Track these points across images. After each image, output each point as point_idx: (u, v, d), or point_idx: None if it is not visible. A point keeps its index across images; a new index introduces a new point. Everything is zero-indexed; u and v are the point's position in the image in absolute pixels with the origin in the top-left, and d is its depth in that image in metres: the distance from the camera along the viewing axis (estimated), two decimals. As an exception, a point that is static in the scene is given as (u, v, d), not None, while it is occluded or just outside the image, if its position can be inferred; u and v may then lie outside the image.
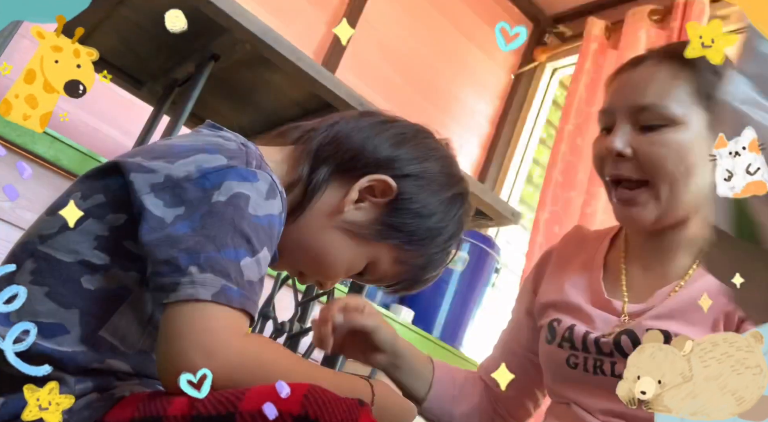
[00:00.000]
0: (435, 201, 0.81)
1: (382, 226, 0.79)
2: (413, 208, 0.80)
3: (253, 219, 0.66)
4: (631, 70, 1.01)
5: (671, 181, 0.94)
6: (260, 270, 0.66)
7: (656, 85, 0.96)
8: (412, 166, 0.81)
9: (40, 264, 0.66)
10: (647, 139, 0.95)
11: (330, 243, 0.79)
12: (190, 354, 0.59)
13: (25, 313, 0.62)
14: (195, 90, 1.37)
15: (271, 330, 1.51)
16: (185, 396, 0.57)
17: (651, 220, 0.97)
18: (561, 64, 3.28)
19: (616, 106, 0.99)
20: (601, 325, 0.99)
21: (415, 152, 0.82)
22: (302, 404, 0.54)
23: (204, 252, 0.62)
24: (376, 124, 0.83)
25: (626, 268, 1.05)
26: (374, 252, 0.80)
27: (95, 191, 0.69)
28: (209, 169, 0.67)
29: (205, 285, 0.61)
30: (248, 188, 0.67)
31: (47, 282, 0.65)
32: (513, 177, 3.13)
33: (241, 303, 0.62)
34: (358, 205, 0.79)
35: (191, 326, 0.60)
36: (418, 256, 0.82)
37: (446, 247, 0.84)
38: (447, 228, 0.82)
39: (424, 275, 0.85)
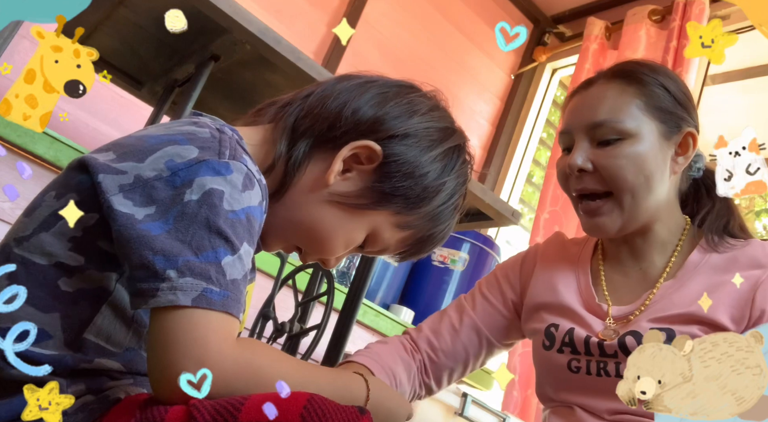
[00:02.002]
0: (427, 158, 0.76)
1: (374, 193, 0.75)
2: (404, 169, 0.75)
3: (229, 215, 0.63)
4: (584, 91, 1.07)
5: (632, 190, 0.99)
6: (243, 266, 0.63)
7: (608, 102, 1.02)
8: (396, 126, 0.75)
9: (17, 269, 0.64)
10: (605, 153, 1.00)
11: (321, 219, 0.75)
12: (183, 365, 0.57)
13: (4, 319, 0.60)
14: (195, 90, 1.37)
15: (271, 330, 1.51)
16: (183, 405, 0.57)
17: (616, 228, 1.02)
18: (561, 64, 3.28)
19: (573, 126, 1.05)
20: (595, 328, 1.02)
21: (399, 110, 0.76)
22: (302, 416, 0.54)
23: (182, 257, 0.60)
24: (354, 88, 0.77)
25: (605, 273, 1.10)
26: (371, 221, 0.76)
27: (69, 190, 0.67)
28: (179, 166, 0.64)
29: (184, 290, 0.59)
30: (221, 183, 0.63)
31: (23, 284, 0.63)
32: (513, 177, 3.13)
33: (223, 305, 0.60)
34: (345, 175, 0.75)
35: (179, 336, 0.58)
36: (420, 218, 0.78)
37: (450, 203, 0.80)
38: (446, 184, 0.78)
39: (431, 236, 0.81)
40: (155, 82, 1.65)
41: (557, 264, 1.15)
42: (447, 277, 2.62)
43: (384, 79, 0.81)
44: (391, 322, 2.42)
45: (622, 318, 1.02)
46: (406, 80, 0.82)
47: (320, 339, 1.41)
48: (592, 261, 1.13)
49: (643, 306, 1.01)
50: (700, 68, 2.59)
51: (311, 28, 2.65)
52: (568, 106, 1.10)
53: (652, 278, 1.04)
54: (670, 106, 1.02)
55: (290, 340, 1.48)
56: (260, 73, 1.46)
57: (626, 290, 1.05)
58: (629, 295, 1.04)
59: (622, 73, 1.05)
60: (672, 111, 1.02)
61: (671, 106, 1.02)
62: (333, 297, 1.44)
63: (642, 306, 1.01)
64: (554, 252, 1.18)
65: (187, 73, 1.50)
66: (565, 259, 1.15)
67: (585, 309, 1.06)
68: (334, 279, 1.50)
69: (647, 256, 1.06)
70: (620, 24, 2.81)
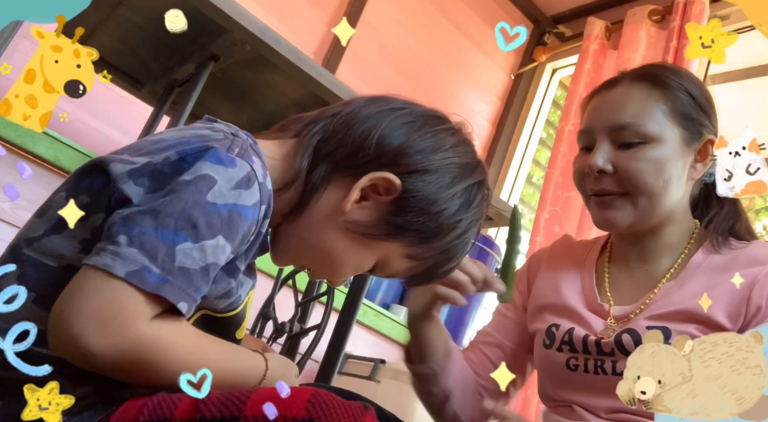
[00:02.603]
0: (446, 195, 0.75)
1: (389, 225, 0.74)
2: (421, 205, 0.74)
3: (208, 206, 0.62)
4: (607, 91, 1.07)
5: (650, 194, 0.99)
6: (204, 258, 0.62)
7: (633, 104, 1.02)
8: (419, 161, 0.74)
9: (27, 269, 0.64)
10: (626, 156, 1.00)
11: (333, 245, 0.74)
12: (85, 323, 0.56)
13: (13, 320, 0.60)
14: (195, 90, 1.37)
15: (271, 330, 1.51)
16: (190, 399, 0.57)
17: (626, 223, 1.02)
18: (561, 64, 3.28)
19: (595, 126, 1.04)
20: (596, 328, 1.03)
21: (424, 144, 0.75)
22: (306, 409, 0.54)
23: (140, 226, 0.59)
24: (382, 114, 0.76)
25: (610, 273, 1.10)
26: (383, 251, 0.76)
27: (80, 191, 0.67)
28: (188, 151, 0.65)
29: (124, 259, 0.58)
30: (219, 172, 0.63)
31: (34, 288, 0.62)
32: (513, 177, 3.13)
33: (156, 288, 0.58)
34: (361, 203, 0.74)
35: (96, 295, 0.57)
36: (431, 251, 0.77)
37: (464, 238, 0.79)
38: (461, 222, 0.77)
39: (439, 268, 0.80)
40: (155, 82, 1.65)
41: (562, 265, 1.15)
42: (447, 277, 2.62)
43: (413, 106, 0.80)
44: (391, 322, 2.42)
45: (623, 318, 1.02)
46: (435, 110, 0.81)
47: (320, 339, 1.41)
48: (598, 261, 1.13)
49: (643, 306, 1.01)
50: (700, 68, 2.59)
51: (311, 28, 2.65)
52: (589, 104, 1.10)
53: (656, 279, 1.05)
54: (693, 112, 1.02)
55: (290, 340, 1.48)
56: (260, 73, 1.46)
57: (630, 290, 1.06)
58: (632, 295, 1.05)
59: (648, 75, 1.04)
60: (695, 117, 1.02)
61: (694, 112, 1.02)
62: (333, 297, 1.44)
63: (642, 305, 1.01)
64: (561, 254, 1.18)
65: (187, 73, 1.50)
66: (571, 261, 1.15)
67: (587, 308, 1.06)
68: (334, 279, 1.50)
69: (655, 258, 1.06)
70: (620, 24, 2.81)
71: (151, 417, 0.59)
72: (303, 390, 0.56)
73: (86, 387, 0.63)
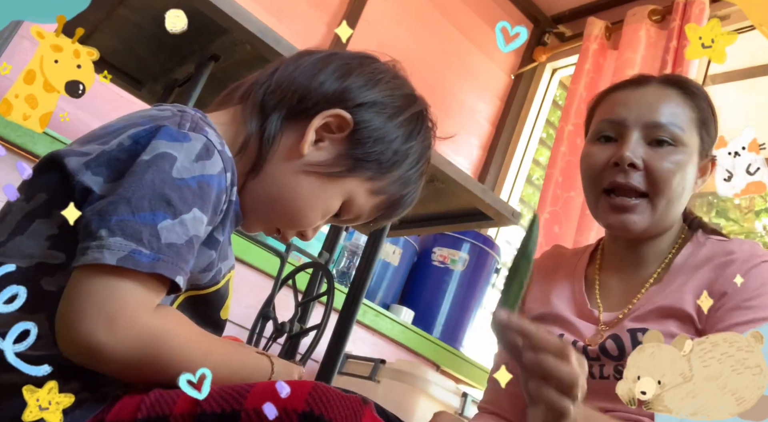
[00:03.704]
0: (394, 124, 0.79)
1: (348, 160, 0.77)
2: (374, 135, 0.77)
3: (176, 181, 0.63)
4: (640, 88, 1.05)
5: (670, 197, 1.00)
6: (186, 232, 0.63)
7: (670, 106, 1.02)
8: (363, 94, 0.78)
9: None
10: (658, 154, 0.99)
11: (298, 190, 0.76)
12: (92, 321, 0.56)
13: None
14: (195, 90, 1.36)
15: (271, 330, 1.51)
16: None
17: (642, 228, 1.01)
18: (561, 64, 3.28)
19: (628, 118, 1.02)
20: (586, 334, 1.04)
21: (364, 79, 0.79)
22: (307, 401, 0.54)
23: (116, 215, 0.60)
24: (318, 61, 0.79)
25: (600, 279, 1.10)
26: (347, 188, 0.78)
27: (36, 190, 0.67)
28: (140, 133, 0.66)
29: (112, 249, 0.58)
30: (177, 149, 0.64)
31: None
32: (513, 177, 3.13)
33: (152, 267, 0.59)
34: (318, 145, 0.77)
35: (96, 292, 0.57)
36: (392, 183, 0.80)
37: (418, 167, 0.82)
38: (413, 147, 0.80)
39: (402, 200, 0.83)
40: (155, 82, 1.65)
41: (552, 276, 1.16)
42: (447, 277, 2.62)
43: (342, 52, 0.84)
44: (391, 322, 2.42)
45: (611, 323, 1.03)
46: (364, 51, 0.85)
47: (320, 339, 1.41)
48: (588, 269, 1.14)
49: (626, 310, 1.02)
50: (700, 68, 2.59)
51: (311, 28, 2.65)
52: (614, 97, 1.08)
53: (644, 282, 1.06)
54: (709, 125, 1.03)
55: (290, 340, 1.48)
56: (260, 73, 1.46)
57: (620, 296, 1.07)
58: (621, 300, 1.06)
59: (678, 82, 1.05)
60: (711, 134, 1.03)
61: (710, 126, 1.03)
62: (333, 297, 1.44)
63: (626, 309, 1.02)
64: (551, 265, 1.19)
65: (187, 73, 1.49)
66: (560, 271, 1.16)
67: (577, 315, 1.07)
68: (334, 279, 1.50)
69: (647, 263, 1.06)
70: (620, 24, 2.81)
71: (150, 414, 0.58)
72: (303, 384, 0.56)
73: (73, 383, 0.63)
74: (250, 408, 0.55)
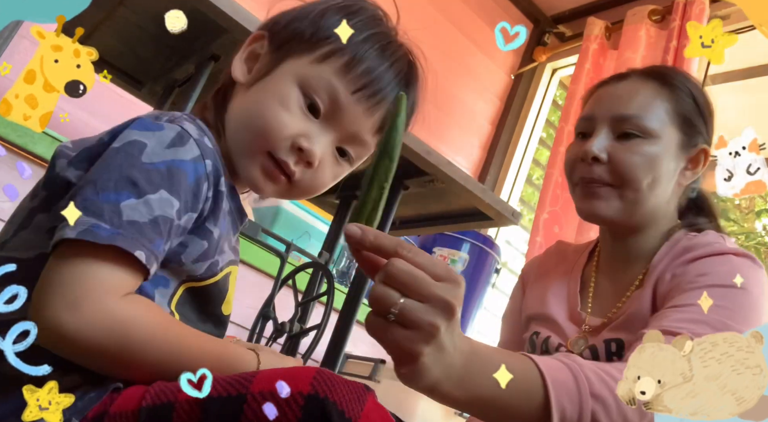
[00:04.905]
0: (305, 10, 0.80)
1: (275, 52, 0.78)
2: (286, 20, 0.80)
3: (145, 165, 0.64)
4: (615, 83, 1.07)
5: (637, 188, 1.00)
6: (151, 211, 0.63)
7: (639, 98, 1.02)
8: (279, 15, 0.81)
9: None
10: (623, 147, 1.01)
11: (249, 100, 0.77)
12: (56, 303, 0.57)
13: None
14: (195, 90, 1.36)
15: (271, 330, 1.51)
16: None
17: (610, 215, 1.01)
18: (561, 64, 3.28)
19: (597, 114, 1.05)
20: (570, 336, 1.04)
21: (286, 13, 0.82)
22: (312, 384, 0.55)
23: (81, 196, 0.62)
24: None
25: (596, 280, 1.10)
26: (287, 71, 0.76)
27: (39, 189, 0.71)
28: (118, 128, 0.69)
29: (75, 225, 0.59)
30: (147, 137, 0.66)
31: (9, 281, 0.64)
32: (513, 177, 3.13)
33: (110, 240, 0.59)
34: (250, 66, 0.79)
35: (61, 273, 0.59)
36: (328, 41, 0.76)
37: (354, 18, 0.78)
38: (331, 8, 0.79)
39: (359, 56, 0.76)
40: (155, 82, 1.65)
41: (552, 274, 1.16)
42: (447, 277, 2.62)
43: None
44: (391, 322, 2.42)
45: (595, 329, 1.02)
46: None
47: (320, 339, 1.41)
48: (585, 268, 1.13)
49: (609, 316, 1.02)
50: (700, 68, 2.59)
51: (311, 28, 2.65)
52: (593, 95, 1.10)
53: (628, 285, 1.04)
54: (693, 117, 1.03)
55: (290, 340, 1.48)
56: (260, 73, 1.46)
57: (609, 299, 1.06)
58: (608, 305, 1.05)
59: (657, 74, 1.06)
60: (694, 123, 1.02)
61: (695, 118, 1.03)
62: (333, 297, 1.44)
63: (610, 314, 1.02)
64: (552, 262, 1.19)
65: (187, 73, 1.49)
66: (560, 268, 1.16)
67: (567, 317, 1.07)
68: (334, 279, 1.50)
69: (634, 263, 1.05)
70: (620, 24, 2.81)
71: (155, 402, 0.58)
72: (307, 369, 0.57)
73: (73, 375, 0.63)
74: (256, 391, 0.55)
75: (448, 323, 0.58)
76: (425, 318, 0.57)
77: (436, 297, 0.57)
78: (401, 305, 0.57)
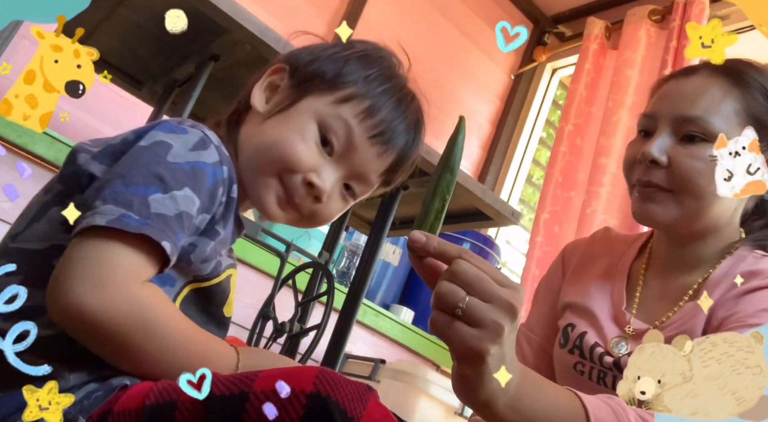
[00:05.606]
0: (323, 48, 0.84)
1: (294, 89, 0.81)
2: (307, 59, 0.82)
3: (171, 164, 0.67)
4: (683, 78, 0.98)
5: (699, 196, 0.92)
6: (177, 206, 0.65)
7: (706, 98, 0.93)
8: (298, 50, 0.85)
9: (12, 258, 0.67)
10: (685, 151, 0.92)
11: (267, 132, 0.79)
12: (81, 283, 0.58)
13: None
14: (195, 90, 1.36)
15: (271, 330, 1.51)
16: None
17: (666, 221, 0.95)
18: (561, 64, 3.28)
19: (660, 112, 0.97)
20: (609, 337, 0.99)
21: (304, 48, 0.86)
22: (314, 383, 0.55)
23: (110, 188, 0.64)
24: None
25: (645, 280, 1.03)
26: (308, 108, 0.79)
27: (54, 183, 0.73)
28: (142, 128, 0.72)
29: (103, 214, 0.61)
30: (173, 138, 0.69)
31: (20, 270, 0.65)
32: (513, 177, 3.13)
33: (139, 229, 0.61)
34: (269, 96, 0.82)
35: (87, 255, 0.60)
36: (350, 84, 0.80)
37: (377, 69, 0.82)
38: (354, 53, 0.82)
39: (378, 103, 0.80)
40: (155, 82, 1.65)
41: (597, 263, 1.09)
42: (447, 277, 2.62)
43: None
44: (391, 322, 2.42)
45: (639, 334, 0.96)
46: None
47: (320, 339, 1.41)
48: (634, 264, 1.06)
49: (657, 323, 0.96)
50: (700, 68, 2.59)
51: (311, 28, 2.64)
52: (660, 89, 1.02)
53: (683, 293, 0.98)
54: (766, 119, 0.93)
55: (290, 340, 1.48)
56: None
57: (658, 303, 0.99)
58: (657, 310, 0.98)
59: (730, 70, 0.97)
60: (766, 125, 0.93)
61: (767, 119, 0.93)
62: (333, 297, 1.44)
63: (658, 322, 0.96)
64: (598, 250, 1.12)
65: (187, 73, 1.50)
66: (606, 259, 1.09)
67: (609, 315, 1.00)
68: (334, 279, 1.50)
69: (692, 270, 0.99)
70: (620, 24, 2.81)
71: (158, 401, 0.59)
72: (309, 368, 0.57)
73: (81, 372, 0.64)
74: (259, 390, 0.55)
75: (512, 325, 0.59)
76: (490, 316, 0.57)
77: (500, 298, 0.58)
78: (468, 302, 0.57)
